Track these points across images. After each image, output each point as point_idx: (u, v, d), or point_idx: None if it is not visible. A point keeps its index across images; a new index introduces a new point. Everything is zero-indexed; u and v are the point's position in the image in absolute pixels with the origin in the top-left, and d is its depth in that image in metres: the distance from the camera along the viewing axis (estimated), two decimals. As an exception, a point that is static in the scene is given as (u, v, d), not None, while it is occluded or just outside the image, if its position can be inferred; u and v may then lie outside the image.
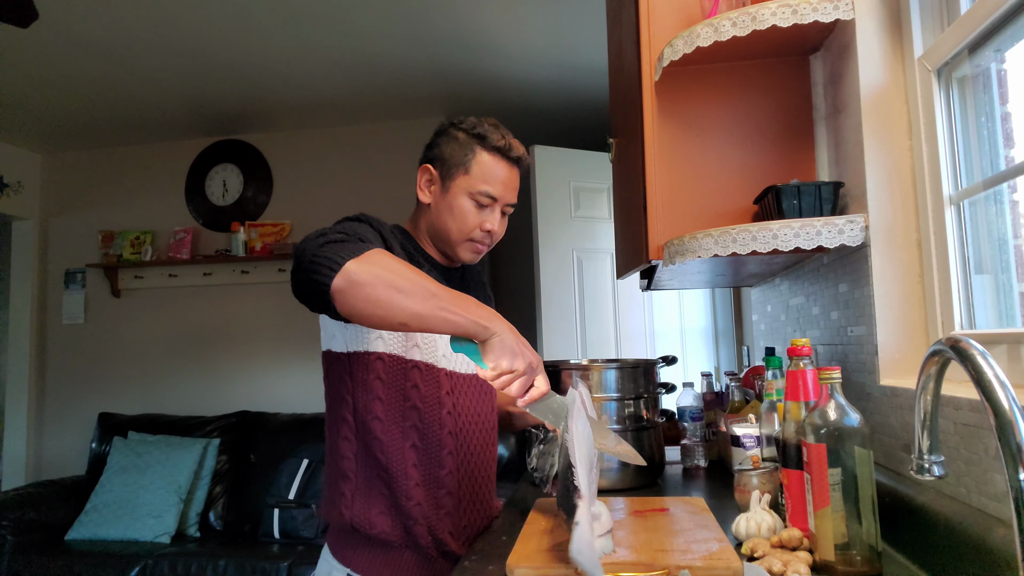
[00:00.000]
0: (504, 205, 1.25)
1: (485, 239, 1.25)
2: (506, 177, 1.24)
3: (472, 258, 1.28)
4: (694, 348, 3.76)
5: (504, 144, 1.23)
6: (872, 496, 0.89)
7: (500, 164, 1.23)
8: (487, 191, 1.22)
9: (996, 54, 1.02)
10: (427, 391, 1.19)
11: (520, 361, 0.98)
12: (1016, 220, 1.01)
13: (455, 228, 1.24)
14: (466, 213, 1.23)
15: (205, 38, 2.87)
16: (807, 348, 1.10)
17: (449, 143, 1.25)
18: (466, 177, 1.23)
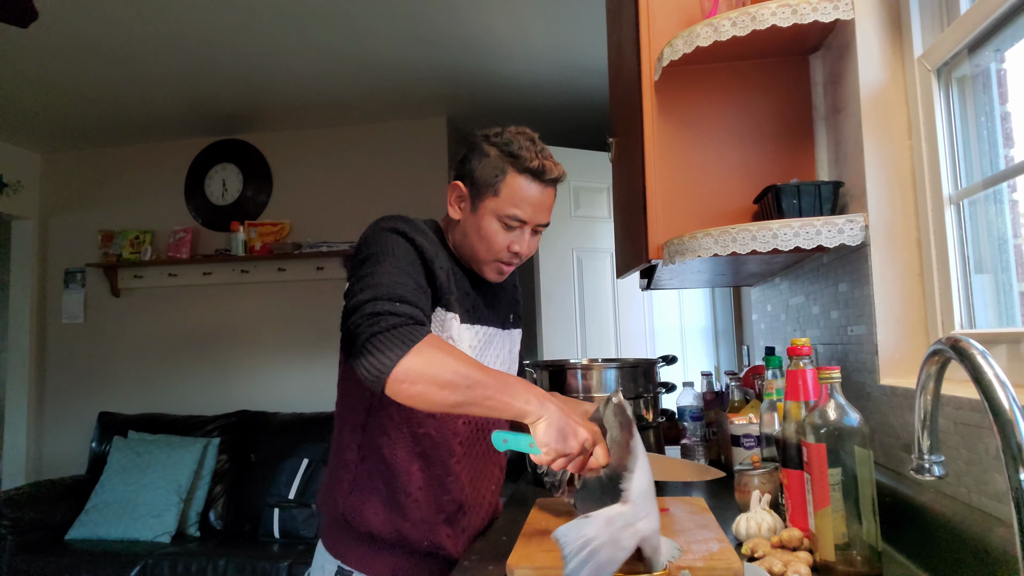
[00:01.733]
0: (535, 226, 1.21)
1: (512, 260, 1.22)
2: (538, 199, 1.19)
3: (497, 278, 1.25)
4: (694, 348, 3.76)
5: (537, 166, 1.17)
6: (872, 496, 0.89)
7: (532, 186, 1.18)
8: (516, 215, 1.17)
9: (996, 54, 1.02)
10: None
11: (573, 441, 0.96)
12: (1016, 219, 1.01)
13: (483, 249, 1.20)
14: (494, 235, 1.18)
15: (205, 38, 2.87)
16: (807, 348, 1.10)
17: (480, 161, 1.20)
18: (495, 199, 1.17)
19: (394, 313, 0.99)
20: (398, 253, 1.09)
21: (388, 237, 1.12)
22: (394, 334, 0.96)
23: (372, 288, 1.02)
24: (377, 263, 1.07)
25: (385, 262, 1.07)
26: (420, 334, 0.98)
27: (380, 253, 1.09)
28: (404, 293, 1.03)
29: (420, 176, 3.88)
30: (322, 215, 3.95)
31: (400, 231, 1.13)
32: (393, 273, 1.05)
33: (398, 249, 1.10)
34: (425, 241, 1.14)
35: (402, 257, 1.09)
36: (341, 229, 3.87)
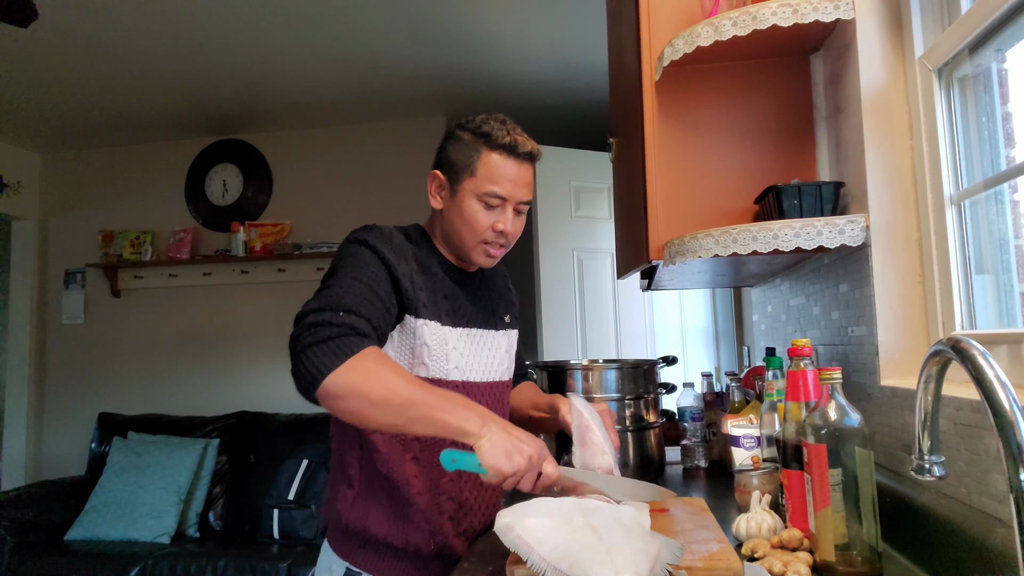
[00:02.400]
0: (516, 204, 1.21)
1: (498, 240, 1.21)
2: (514, 175, 1.19)
3: (487, 262, 1.24)
4: (694, 348, 3.75)
5: (510, 141, 1.19)
6: (872, 496, 0.89)
7: (507, 162, 1.19)
8: (494, 191, 1.18)
9: (997, 54, 1.02)
10: None
11: (518, 459, 0.96)
12: (1017, 220, 1.01)
13: (467, 232, 1.20)
14: (476, 216, 1.19)
15: (205, 38, 2.87)
16: (807, 348, 1.10)
17: (455, 146, 1.22)
18: (472, 179, 1.19)
19: (334, 323, 0.99)
20: (358, 264, 1.11)
21: (350, 248, 1.14)
22: (329, 345, 0.96)
23: (319, 299, 1.04)
24: (335, 275, 1.10)
25: (343, 274, 1.09)
26: (357, 346, 0.97)
27: (340, 266, 1.12)
28: (351, 303, 1.03)
29: (420, 176, 3.85)
30: (322, 215, 3.95)
31: (362, 240, 1.15)
32: (346, 284, 1.06)
33: (359, 260, 1.11)
34: (388, 249, 1.14)
35: (362, 267, 1.10)
36: (341, 229, 3.86)
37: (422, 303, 1.15)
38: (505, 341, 1.33)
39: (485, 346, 1.27)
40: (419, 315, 1.15)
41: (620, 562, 0.82)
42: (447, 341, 1.18)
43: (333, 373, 0.94)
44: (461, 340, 1.21)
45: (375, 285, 1.09)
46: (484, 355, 1.26)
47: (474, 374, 1.23)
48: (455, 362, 1.19)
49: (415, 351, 1.15)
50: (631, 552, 0.85)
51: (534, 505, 0.95)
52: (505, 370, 1.32)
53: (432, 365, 1.16)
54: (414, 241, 1.24)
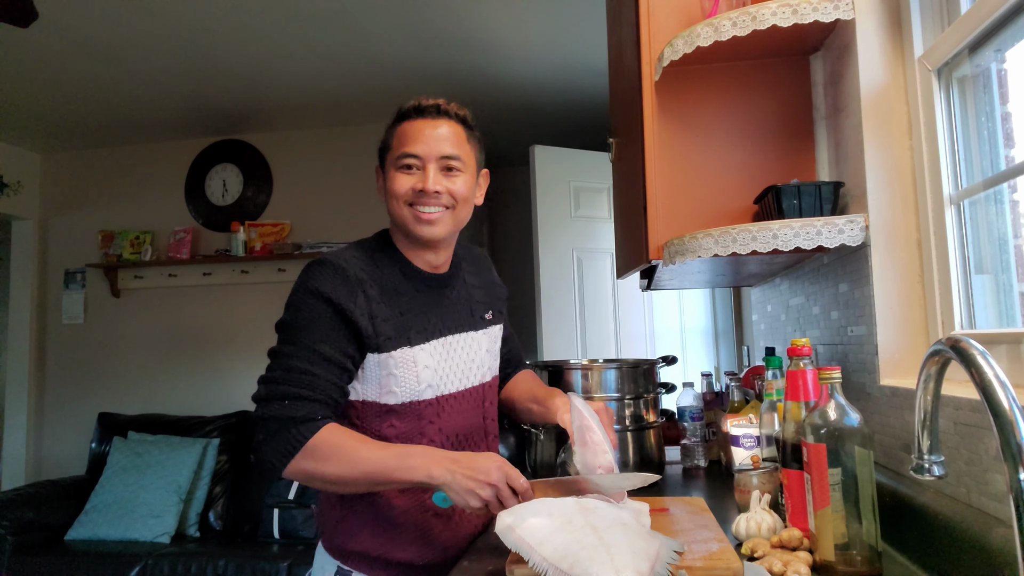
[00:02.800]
0: (439, 159, 1.16)
1: (423, 199, 1.15)
2: (423, 132, 1.16)
3: (426, 230, 1.16)
4: (694, 348, 3.76)
5: (414, 105, 1.18)
6: (872, 496, 0.89)
7: (415, 123, 1.17)
8: (404, 152, 1.16)
9: (996, 54, 1.02)
10: (405, 427, 1.16)
11: (484, 491, 0.98)
12: (1016, 220, 1.01)
13: (393, 203, 1.18)
14: (394, 183, 1.16)
15: (205, 38, 2.87)
16: (807, 348, 1.10)
17: (382, 140, 1.24)
18: (389, 153, 1.20)
19: (279, 416, 1.05)
20: (308, 324, 1.10)
21: (302, 303, 1.12)
22: (278, 440, 1.04)
23: (267, 383, 1.08)
24: (285, 342, 1.11)
25: (292, 340, 1.10)
26: (305, 435, 1.03)
27: (290, 327, 1.12)
28: (295, 387, 1.06)
29: (420, 176, 3.87)
30: (322, 215, 3.95)
31: (313, 290, 1.11)
32: (293, 361, 1.08)
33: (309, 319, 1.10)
34: (342, 289, 1.11)
35: (311, 329, 1.09)
36: (341, 229, 3.87)
37: (385, 336, 1.13)
38: (486, 340, 1.30)
39: (462, 351, 1.24)
40: (382, 350, 1.12)
41: (620, 561, 0.82)
42: (416, 362, 1.15)
43: (287, 467, 1.03)
44: (435, 353, 1.19)
45: (326, 347, 1.09)
46: (461, 361, 1.24)
47: (450, 385, 1.20)
48: (427, 380, 1.16)
49: (381, 382, 1.14)
50: (631, 551, 0.85)
51: (534, 506, 0.95)
52: (487, 371, 1.30)
53: (401, 391, 1.14)
54: (375, 258, 1.20)
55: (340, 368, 1.10)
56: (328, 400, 1.09)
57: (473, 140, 1.23)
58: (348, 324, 1.10)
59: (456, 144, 1.18)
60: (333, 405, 1.10)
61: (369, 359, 1.13)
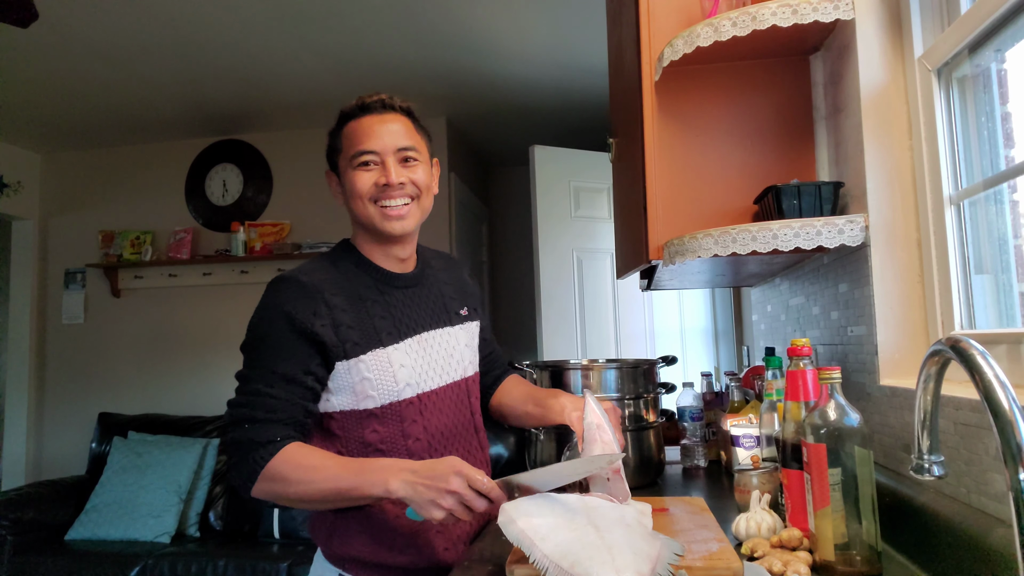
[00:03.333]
0: (396, 152, 1.16)
1: (387, 193, 1.16)
2: (373, 128, 1.16)
3: (394, 226, 1.17)
4: (694, 348, 3.76)
5: (358, 103, 1.19)
6: (872, 496, 0.89)
7: (363, 121, 1.18)
8: (359, 150, 1.16)
9: (996, 54, 1.02)
10: (388, 430, 1.14)
11: (446, 499, 0.94)
12: (1016, 220, 1.01)
13: (357, 203, 1.17)
14: (355, 182, 1.16)
15: (205, 38, 2.87)
16: (807, 348, 1.10)
17: (329, 144, 1.23)
18: (342, 155, 1.19)
19: (242, 441, 1.06)
20: (270, 346, 1.09)
21: (262, 323, 1.11)
22: (243, 465, 1.05)
23: (231, 408, 1.09)
24: (248, 365, 1.11)
25: (255, 363, 1.10)
26: (262, 462, 1.04)
27: (253, 348, 1.11)
28: (257, 411, 1.06)
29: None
30: (322, 215, 3.95)
31: (274, 310, 1.10)
32: (257, 379, 1.09)
33: (269, 340, 1.10)
34: (302, 304, 1.10)
35: (273, 349, 1.09)
36: (341, 229, 3.86)
37: (351, 343, 1.11)
38: (464, 335, 1.29)
39: (440, 346, 1.23)
40: (349, 356, 1.11)
41: (621, 562, 0.82)
42: (392, 362, 1.14)
43: (253, 489, 1.05)
44: (411, 351, 1.17)
45: (286, 367, 1.08)
46: (440, 356, 1.22)
47: (430, 382, 1.19)
48: (405, 379, 1.15)
49: (356, 389, 1.13)
50: (632, 552, 0.85)
51: (538, 501, 0.95)
52: (468, 365, 1.29)
53: (378, 394, 1.13)
54: (338, 266, 1.19)
55: (302, 387, 1.09)
56: (290, 421, 1.08)
57: (421, 131, 1.24)
58: (309, 339, 1.09)
59: (409, 135, 1.19)
60: (296, 425, 1.09)
61: (338, 368, 1.12)
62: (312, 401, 1.12)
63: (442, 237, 3.87)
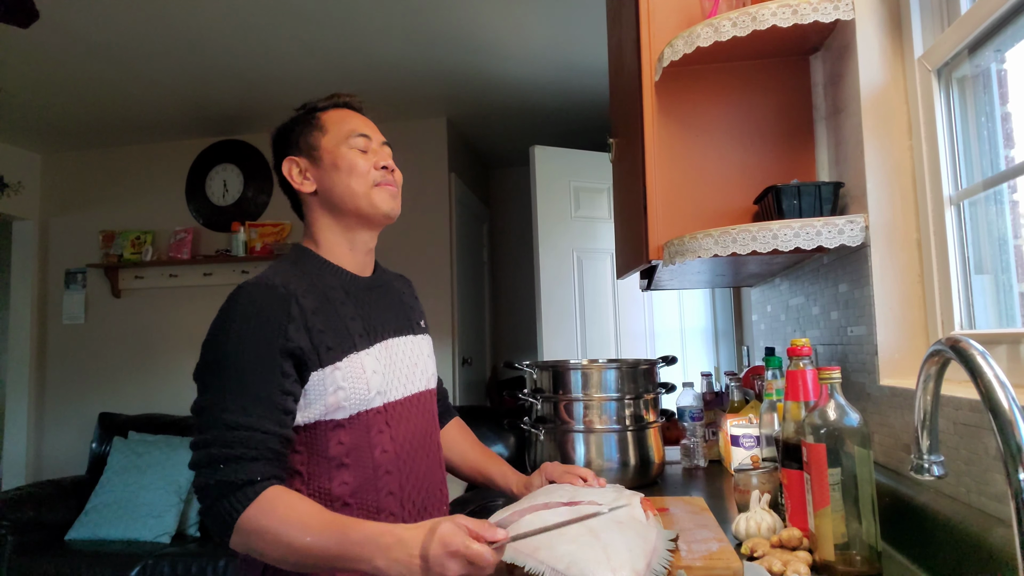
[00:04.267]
0: (381, 144, 1.17)
1: (388, 178, 1.14)
2: (361, 119, 1.17)
3: (391, 205, 1.14)
4: (694, 348, 3.75)
5: (335, 98, 1.18)
6: (872, 496, 0.89)
7: (341, 111, 1.17)
8: (355, 131, 1.14)
9: (996, 54, 1.02)
10: (354, 441, 1.05)
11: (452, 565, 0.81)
12: (1016, 220, 1.01)
13: (355, 180, 1.12)
14: (354, 158, 1.12)
15: (205, 38, 2.87)
16: (807, 348, 1.10)
17: (290, 132, 1.17)
18: (328, 135, 1.14)
19: (213, 485, 0.92)
20: (238, 362, 0.96)
21: (229, 335, 0.98)
22: (215, 514, 0.92)
23: (198, 449, 0.94)
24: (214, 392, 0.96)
25: (222, 386, 0.96)
26: (239, 508, 0.90)
27: (217, 368, 0.97)
28: (234, 448, 0.93)
29: (420, 176, 3.88)
30: (322, 215, 3.95)
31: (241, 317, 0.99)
32: (226, 408, 0.94)
33: (239, 353, 0.97)
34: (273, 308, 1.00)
35: (242, 366, 0.96)
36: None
37: (327, 347, 1.02)
38: (426, 345, 1.25)
39: (406, 354, 1.17)
40: (325, 363, 1.02)
41: (617, 561, 0.82)
42: (364, 368, 1.06)
43: (230, 540, 0.92)
44: (380, 357, 1.10)
45: (259, 387, 0.96)
46: (406, 364, 1.16)
47: (397, 391, 1.12)
48: (376, 387, 1.07)
49: (327, 402, 1.02)
50: (628, 550, 0.85)
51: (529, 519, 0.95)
52: (431, 376, 1.24)
53: (350, 405, 1.04)
54: (299, 269, 1.10)
55: (280, 411, 0.97)
56: (269, 456, 0.95)
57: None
58: (283, 350, 0.98)
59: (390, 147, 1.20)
60: (276, 459, 0.96)
61: (312, 380, 1.01)
62: (290, 427, 0.99)
63: (442, 237, 3.87)
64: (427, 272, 3.84)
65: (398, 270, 1.38)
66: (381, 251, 1.29)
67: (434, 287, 3.84)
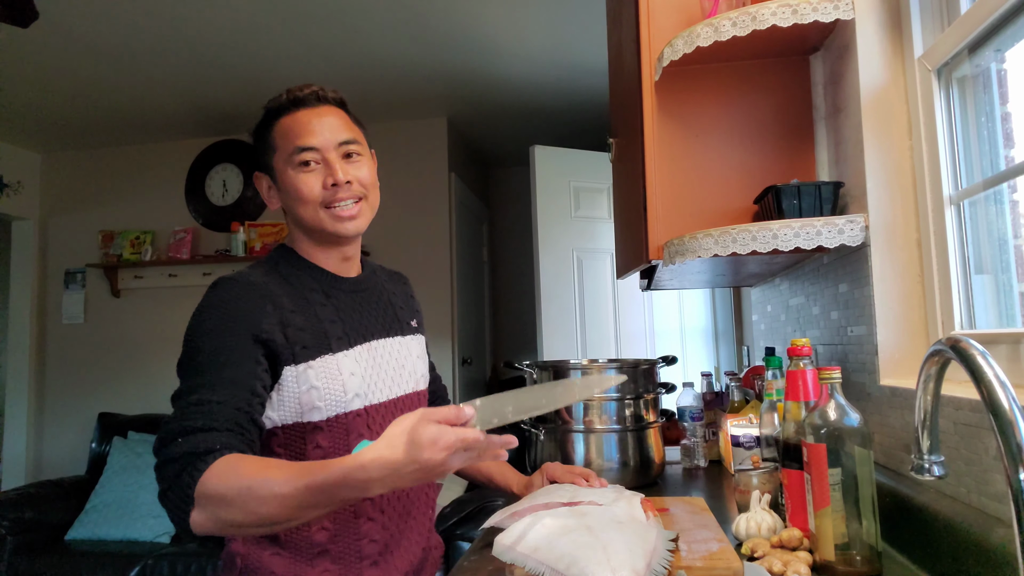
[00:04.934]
0: (337, 148, 1.08)
1: (338, 195, 1.06)
2: (314, 121, 1.07)
3: (342, 227, 1.08)
4: (694, 348, 3.75)
5: (288, 97, 1.09)
6: (872, 496, 0.89)
7: (297, 115, 1.08)
8: (297, 146, 1.06)
9: (996, 54, 1.02)
10: (332, 445, 1.03)
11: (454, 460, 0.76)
12: (1016, 220, 1.01)
13: (302, 207, 1.07)
14: (298, 184, 1.06)
15: (205, 38, 2.87)
16: (807, 348, 1.10)
17: (256, 144, 1.13)
18: (277, 153, 1.08)
19: (171, 459, 0.86)
20: (213, 349, 0.95)
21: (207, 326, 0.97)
22: (174, 492, 0.84)
23: (164, 427, 0.92)
24: (185, 378, 0.96)
25: (195, 373, 0.95)
26: (197, 475, 0.83)
27: (192, 356, 0.96)
28: (192, 420, 0.89)
29: (420, 176, 3.88)
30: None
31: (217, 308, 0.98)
32: (194, 391, 0.93)
33: (214, 343, 0.95)
34: (248, 302, 0.99)
35: (216, 352, 0.94)
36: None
37: (301, 346, 1.01)
38: (416, 346, 1.22)
39: (391, 356, 1.14)
40: (299, 360, 1.00)
41: (617, 561, 0.82)
42: (341, 370, 1.04)
43: (191, 519, 0.83)
44: (361, 359, 1.08)
45: (230, 370, 0.94)
46: (391, 367, 1.13)
47: (379, 394, 1.09)
48: (354, 389, 1.04)
49: (302, 400, 1.00)
50: (627, 550, 0.85)
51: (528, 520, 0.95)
52: (420, 378, 1.20)
53: (325, 405, 1.02)
54: (279, 271, 1.09)
55: (247, 391, 0.93)
56: (232, 427, 0.90)
57: (356, 122, 1.16)
58: (256, 341, 0.97)
59: (348, 128, 1.11)
60: (240, 432, 0.91)
61: (286, 375, 1.00)
62: (259, 411, 0.96)
63: (442, 237, 3.87)
64: (427, 272, 3.84)
65: (398, 269, 1.38)
66: (381, 251, 1.29)
67: (434, 287, 3.84)
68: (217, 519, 0.82)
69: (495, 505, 2.60)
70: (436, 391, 1.38)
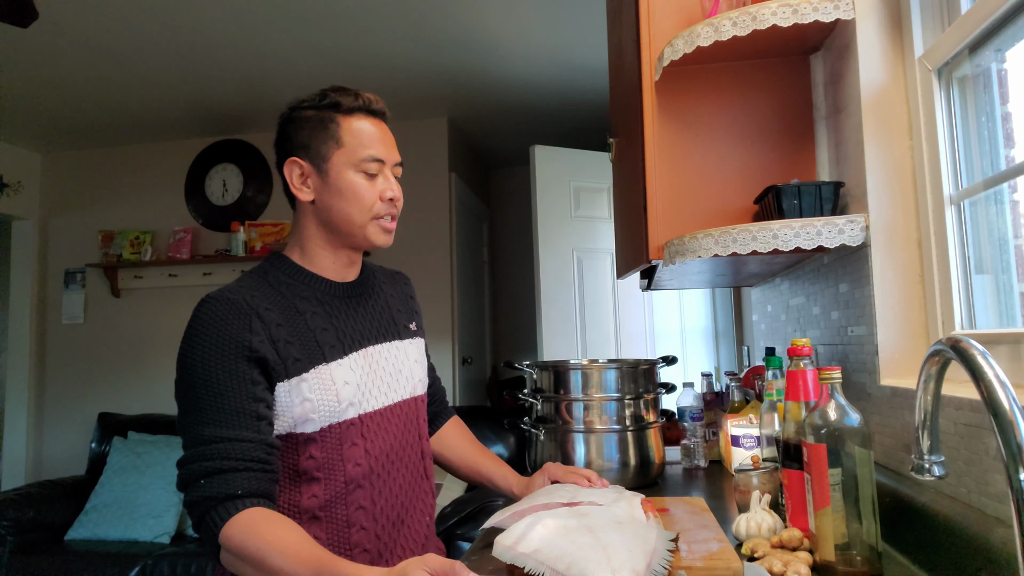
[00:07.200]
0: (393, 166, 1.11)
1: (390, 210, 1.10)
2: (381, 134, 1.10)
3: (385, 240, 1.11)
4: (694, 348, 3.75)
5: (362, 102, 1.09)
6: (872, 496, 0.89)
7: (368, 122, 1.09)
8: (371, 155, 1.07)
9: (997, 54, 1.02)
10: (326, 455, 1.03)
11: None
12: (1016, 220, 1.01)
13: (355, 211, 1.07)
14: (359, 189, 1.07)
15: (205, 38, 2.87)
16: (807, 348, 1.10)
17: (303, 127, 1.09)
18: (342, 150, 1.07)
19: (197, 502, 0.91)
20: (210, 377, 0.96)
21: (197, 352, 0.97)
22: (202, 532, 0.91)
23: (183, 467, 0.94)
24: (189, 410, 0.97)
25: (197, 404, 0.96)
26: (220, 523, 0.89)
27: (191, 386, 0.97)
28: (213, 461, 0.92)
29: (421, 176, 3.88)
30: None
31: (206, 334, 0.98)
32: (203, 423, 0.94)
33: (208, 369, 0.96)
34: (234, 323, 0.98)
35: (214, 381, 0.95)
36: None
37: (292, 359, 1.01)
38: (414, 350, 1.21)
39: (387, 362, 1.14)
40: (291, 374, 1.00)
41: (617, 561, 0.82)
42: (335, 379, 1.04)
43: (220, 558, 0.91)
44: (356, 367, 1.07)
45: (232, 399, 0.95)
46: (387, 372, 1.13)
47: (374, 401, 1.09)
48: (347, 398, 1.04)
49: (295, 413, 1.01)
50: (627, 550, 0.85)
51: (529, 520, 0.95)
52: (418, 383, 1.20)
53: (319, 417, 1.02)
54: (269, 280, 1.08)
55: (255, 418, 0.96)
56: (253, 465, 0.94)
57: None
58: (250, 359, 0.98)
59: (397, 149, 1.14)
60: (260, 468, 0.94)
61: (279, 390, 1.00)
62: (268, 433, 0.98)
63: (442, 237, 3.87)
64: (427, 272, 3.84)
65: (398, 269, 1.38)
66: (381, 251, 1.29)
67: (434, 287, 3.84)
68: (236, 569, 0.90)
69: (495, 505, 2.60)
70: (435, 392, 1.38)
